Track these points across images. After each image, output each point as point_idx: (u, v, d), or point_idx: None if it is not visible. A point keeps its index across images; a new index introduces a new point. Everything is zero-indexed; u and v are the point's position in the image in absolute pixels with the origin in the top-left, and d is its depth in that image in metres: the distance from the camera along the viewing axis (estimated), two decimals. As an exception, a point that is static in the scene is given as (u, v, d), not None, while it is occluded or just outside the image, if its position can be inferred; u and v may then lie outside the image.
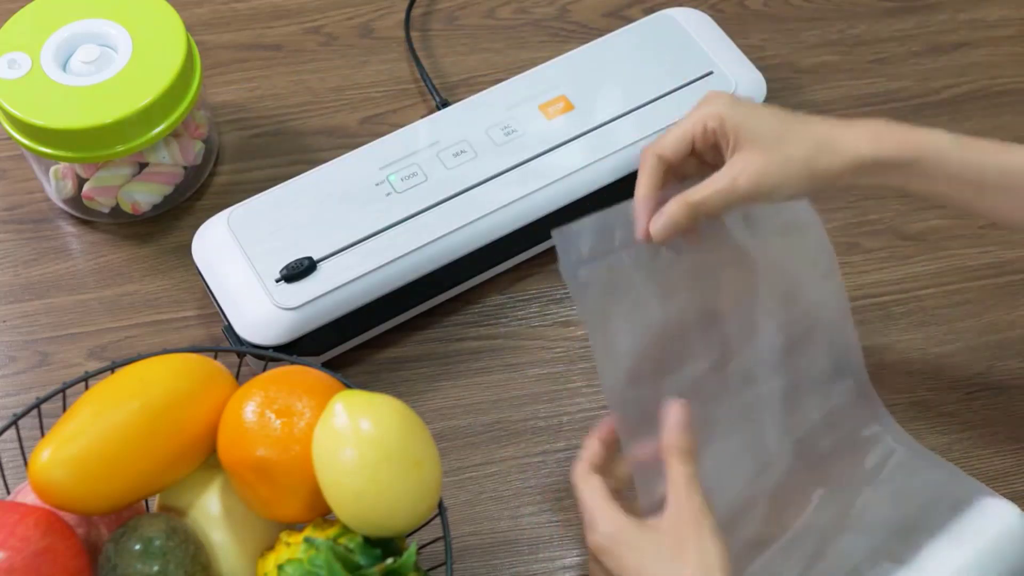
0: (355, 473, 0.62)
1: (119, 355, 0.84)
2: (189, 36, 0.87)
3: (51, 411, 0.69)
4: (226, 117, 0.97)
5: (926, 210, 0.92)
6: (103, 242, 0.91)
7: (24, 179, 0.94)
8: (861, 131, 0.70)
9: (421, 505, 0.64)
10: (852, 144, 0.69)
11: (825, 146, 0.69)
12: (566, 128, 0.88)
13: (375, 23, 1.03)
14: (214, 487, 0.68)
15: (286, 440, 0.64)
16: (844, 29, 1.03)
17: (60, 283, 0.89)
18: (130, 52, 0.84)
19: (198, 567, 0.64)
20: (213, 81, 0.99)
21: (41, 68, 0.84)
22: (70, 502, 0.63)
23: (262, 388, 0.66)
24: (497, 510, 0.79)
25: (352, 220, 0.83)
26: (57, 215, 0.92)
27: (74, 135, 0.82)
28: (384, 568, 0.62)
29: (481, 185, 0.85)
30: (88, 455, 0.63)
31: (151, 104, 0.82)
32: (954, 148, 0.69)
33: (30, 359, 0.85)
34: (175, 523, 0.65)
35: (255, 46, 1.02)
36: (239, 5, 1.05)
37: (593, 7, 1.04)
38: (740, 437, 0.74)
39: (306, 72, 0.99)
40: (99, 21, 0.86)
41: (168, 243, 0.91)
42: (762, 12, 1.04)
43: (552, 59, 0.93)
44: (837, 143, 0.69)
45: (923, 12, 1.04)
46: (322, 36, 1.03)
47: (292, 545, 0.64)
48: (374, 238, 0.82)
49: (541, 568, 0.77)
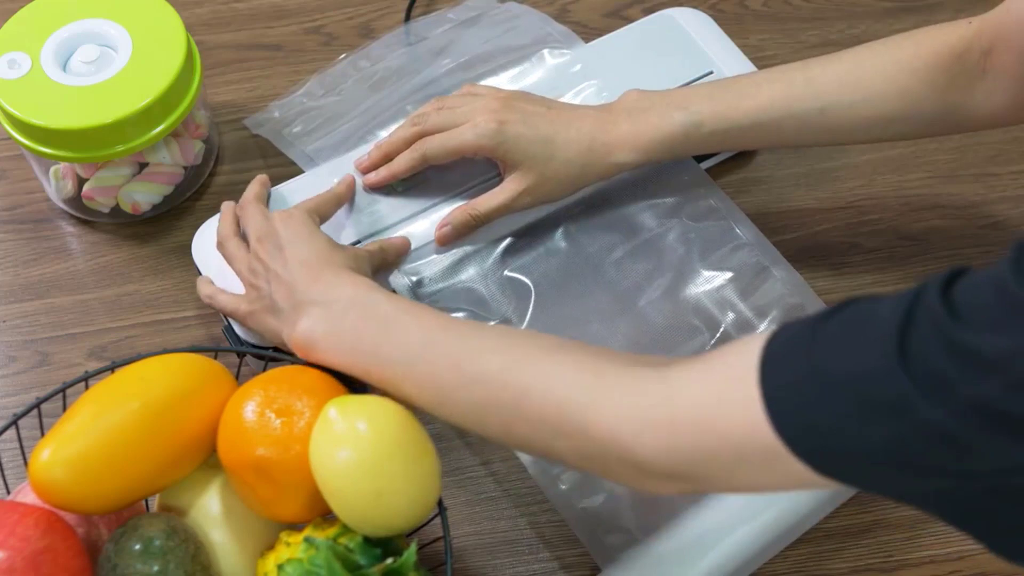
0: (354, 475, 0.62)
1: (119, 355, 0.84)
2: (189, 36, 0.86)
3: (51, 411, 0.69)
4: (226, 117, 0.97)
5: (926, 210, 0.92)
6: (103, 242, 0.91)
7: (24, 179, 0.94)
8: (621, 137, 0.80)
9: (421, 505, 0.64)
10: (615, 156, 0.80)
11: (590, 160, 0.80)
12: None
13: (375, 23, 1.03)
14: (214, 487, 0.68)
15: (286, 440, 0.64)
16: (844, 29, 1.02)
17: (60, 283, 0.89)
18: (130, 52, 0.84)
19: (198, 567, 0.64)
20: (213, 81, 0.99)
21: (41, 68, 0.84)
22: (70, 502, 0.63)
23: (262, 388, 0.66)
24: (497, 510, 0.79)
25: (351, 220, 0.83)
26: (57, 215, 0.92)
27: (74, 135, 0.82)
28: (384, 568, 0.62)
29: (481, 185, 0.84)
30: (88, 455, 0.63)
31: (151, 104, 0.82)
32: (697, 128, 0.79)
33: (30, 359, 0.85)
34: (175, 523, 0.65)
35: (255, 46, 1.02)
36: (239, 5, 1.04)
37: (593, 7, 1.04)
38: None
39: (306, 72, 0.99)
40: (99, 21, 0.86)
41: (168, 243, 0.91)
42: (762, 12, 1.04)
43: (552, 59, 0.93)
44: (602, 158, 0.80)
45: (923, 12, 1.04)
46: (322, 36, 1.03)
47: (292, 545, 0.64)
48: (373, 238, 0.82)
49: (541, 568, 0.77)
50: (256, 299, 0.74)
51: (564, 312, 0.81)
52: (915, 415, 0.48)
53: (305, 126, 0.93)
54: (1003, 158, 0.94)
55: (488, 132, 0.79)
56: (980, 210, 0.92)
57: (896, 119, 0.78)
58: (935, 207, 0.92)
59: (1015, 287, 0.46)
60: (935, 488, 0.52)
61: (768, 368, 0.53)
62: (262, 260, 0.74)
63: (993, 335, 0.46)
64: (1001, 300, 0.47)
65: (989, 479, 0.50)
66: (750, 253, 0.84)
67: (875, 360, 0.49)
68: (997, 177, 0.94)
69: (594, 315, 0.81)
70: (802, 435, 0.52)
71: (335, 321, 0.69)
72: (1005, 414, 0.46)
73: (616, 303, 0.82)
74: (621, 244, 0.84)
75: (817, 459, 0.52)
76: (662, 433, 0.57)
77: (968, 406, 0.47)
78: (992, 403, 0.46)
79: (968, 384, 0.46)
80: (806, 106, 0.78)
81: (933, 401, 0.47)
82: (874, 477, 0.53)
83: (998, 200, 0.92)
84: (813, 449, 0.52)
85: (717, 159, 0.91)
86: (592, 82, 0.90)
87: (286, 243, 0.73)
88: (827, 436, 0.52)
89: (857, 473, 0.53)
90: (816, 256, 0.89)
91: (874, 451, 0.50)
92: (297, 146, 0.92)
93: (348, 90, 0.95)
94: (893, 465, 0.51)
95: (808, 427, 0.52)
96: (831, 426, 0.51)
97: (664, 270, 0.83)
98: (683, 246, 0.84)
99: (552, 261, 0.83)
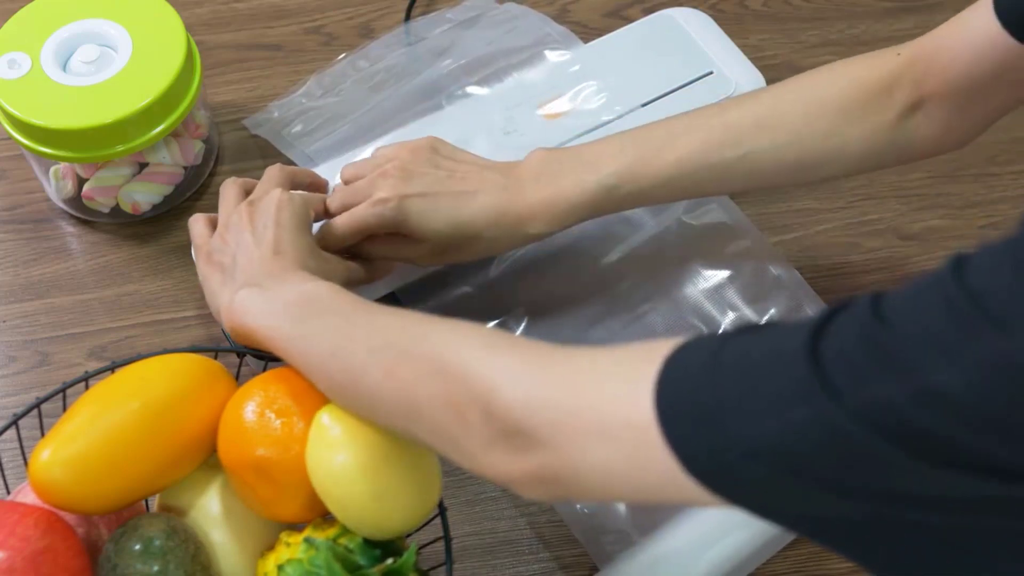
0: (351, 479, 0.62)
1: (119, 355, 0.84)
2: (189, 36, 0.86)
3: (51, 411, 0.69)
4: (226, 117, 0.97)
5: (926, 210, 0.92)
6: (103, 242, 0.91)
7: (24, 179, 0.94)
8: (532, 207, 0.75)
9: (420, 507, 0.64)
10: (527, 227, 0.76)
11: (498, 234, 0.76)
12: (566, 128, 0.87)
13: (375, 23, 1.03)
14: (214, 487, 0.68)
15: (286, 440, 0.64)
16: (844, 29, 1.02)
17: (60, 283, 0.89)
18: (130, 52, 0.84)
19: (198, 567, 0.64)
20: (213, 81, 0.99)
21: (41, 68, 0.84)
22: (70, 502, 0.63)
23: (262, 388, 0.66)
24: (497, 510, 0.79)
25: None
26: (57, 215, 0.92)
27: (74, 135, 0.82)
28: (384, 568, 0.62)
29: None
30: (88, 455, 0.63)
31: (151, 104, 0.82)
32: (612, 191, 0.75)
33: (30, 359, 0.85)
34: (175, 523, 0.65)
35: (255, 46, 1.02)
36: (239, 5, 1.04)
37: (593, 7, 1.04)
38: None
39: (306, 72, 0.99)
40: (99, 21, 0.86)
41: (168, 243, 0.91)
42: (762, 12, 1.04)
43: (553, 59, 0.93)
44: (513, 229, 0.76)
45: (923, 12, 1.03)
46: (322, 36, 1.03)
47: (292, 545, 0.64)
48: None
49: (541, 568, 0.77)
50: (219, 249, 0.73)
51: (561, 314, 0.81)
52: (812, 405, 0.43)
53: (304, 126, 0.93)
54: (1003, 158, 0.94)
55: (387, 213, 0.75)
56: (980, 210, 0.92)
57: (824, 162, 0.75)
58: (935, 207, 0.92)
59: (964, 303, 0.41)
60: (816, 508, 0.46)
61: (672, 357, 0.48)
62: (244, 221, 0.73)
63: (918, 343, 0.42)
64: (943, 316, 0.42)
65: (882, 505, 0.44)
66: (750, 253, 0.84)
67: (781, 345, 0.45)
68: (997, 177, 0.94)
69: (592, 316, 0.81)
70: (679, 413, 0.46)
71: (273, 302, 0.67)
72: (907, 425, 0.41)
73: (615, 304, 0.82)
74: (619, 244, 0.84)
75: (689, 448, 0.46)
76: (529, 383, 0.53)
77: (871, 404, 0.42)
78: (896, 408, 0.41)
79: (876, 380, 0.42)
80: (725, 154, 0.74)
81: (834, 392, 0.42)
82: (751, 483, 0.46)
83: (998, 200, 0.92)
84: (688, 435, 0.46)
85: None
86: (591, 82, 0.90)
87: (275, 225, 0.71)
88: (708, 420, 0.45)
89: (734, 475, 0.46)
90: (816, 256, 0.89)
91: (756, 447, 0.44)
92: (297, 147, 0.92)
93: (347, 90, 0.95)
94: (774, 467, 0.44)
95: (690, 405, 0.46)
96: (715, 408, 0.45)
97: (663, 270, 0.83)
98: (682, 246, 0.84)
99: (549, 262, 0.83)
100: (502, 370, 0.54)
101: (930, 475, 0.42)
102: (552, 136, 0.87)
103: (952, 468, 0.42)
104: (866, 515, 0.45)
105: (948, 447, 0.41)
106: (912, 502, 0.44)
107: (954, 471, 0.42)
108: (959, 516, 0.44)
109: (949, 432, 0.41)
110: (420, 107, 0.93)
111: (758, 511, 0.47)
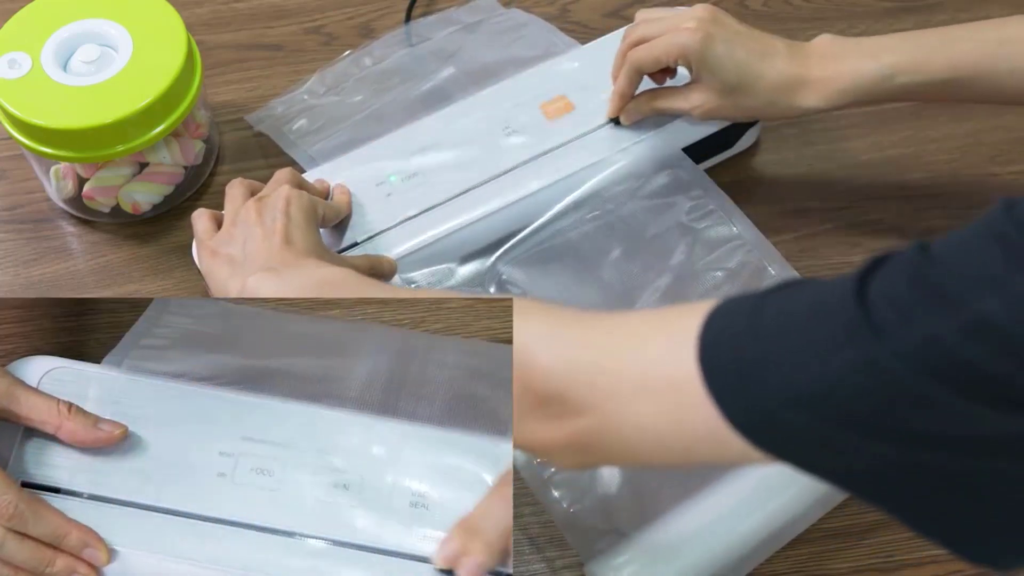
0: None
1: (119, 355, 0.84)
2: (189, 36, 0.87)
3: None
4: (226, 117, 0.97)
5: (927, 210, 0.92)
6: (103, 242, 0.91)
7: (24, 179, 0.94)
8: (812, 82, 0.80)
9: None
10: (801, 99, 0.81)
11: (775, 99, 0.81)
12: (568, 127, 0.88)
13: (375, 23, 1.03)
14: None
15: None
16: (844, 29, 1.02)
17: (60, 283, 0.89)
18: (130, 52, 0.84)
19: None
20: (213, 81, 0.99)
21: (41, 68, 0.84)
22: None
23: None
24: (497, 510, 0.79)
25: (351, 220, 0.83)
26: (57, 215, 0.92)
27: (74, 135, 0.82)
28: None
29: (481, 185, 0.85)
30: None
31: (151, 104, 0.82)
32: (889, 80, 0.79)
33: (30, 359, 0.85)
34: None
35: (255, 46, 1.02)
36: (239, 5, 1.05)
37: (593, 7, 1.04)
38: None
39: (306, 72, 0.99)
40: (99, 21, 0.86)
41: (168, 243, 0.91)
42: (762, 12, 1.04)
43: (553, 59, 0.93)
44: (788, 98, 0.81)
45: (923, 12, 1.04)
46: (322, 36, 1.03)
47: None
48: (375, 238, 0.82)
49: (541, 568, 0.77)
50: (225, 243, 0.73)
51: None
52: (857, 346, 0.42)
53: (307, 124, 0.93)
54: (1003, 158, 0.94)
55: (694, 41, 0.80)
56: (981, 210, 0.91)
57: None
58: (935, 207, 0.92)
59: (1016, 237, 0.42)
60: (869, 457, 0.44)
61: (713, 314, 0.48)
62: (254, 215, 0.73)
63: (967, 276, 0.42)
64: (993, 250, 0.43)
65: (924, 450, 0.43)
66: (750, 253, 0.84)
67: (825, 295, 0.45)
68: (997, 177, 0.94)
69: None
70: (722, 367, 0.45)
71: (288, 284, 0.67)
72: (953, 359, 0.41)
73: (614, 305, 0.82)
74: (619, 245, 0.84)
75: (732, 401, 0.45)
76: (563, 346, 0.52)
77: (917, 340, 0.41)
78: (943, 342, 0.41)
79: (923, 316, 0.41)
80: (998, 67, 0.77)
81: (879, 331, 0.42)
82: (794, 433, 0.45)
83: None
84: (731, 389, 0.45)
85: (717, 159, 0.92)
86: (592, 81, 0.90)
87: (285, 217, 0.72)
88: (752, 373, 0.45)
89: (777, 427, 0.45)
90: (816, 256, 0.89)
91: (799, 395, 0.43)
92: (299, 146, 0.92)
93: (350, 89, 0.95)
94: (816, 413, 0.44)
95: (733, 359, 0.45)
96: (759, 360, 0.45)
97: (663, 271, 0.83)
98: (682, 246, 0.84)
99: (549, 263, 0.83)
100: (535, 336, 0.54)
101: (977, 414, 0.41)
102: (554, 136, 0.87)
103: (999, 405, 0.41)
104: (906, 461, 0.44)
105: (994, 381, 0.41)
106: (955, 444, 0.43)
107: (1000, 409, 0.41)
108: (1003, 460, 0.43)
109: (995, 364, 0.40)
110: (424, 113, 0.92)
111: (799, 463, 0.46)
